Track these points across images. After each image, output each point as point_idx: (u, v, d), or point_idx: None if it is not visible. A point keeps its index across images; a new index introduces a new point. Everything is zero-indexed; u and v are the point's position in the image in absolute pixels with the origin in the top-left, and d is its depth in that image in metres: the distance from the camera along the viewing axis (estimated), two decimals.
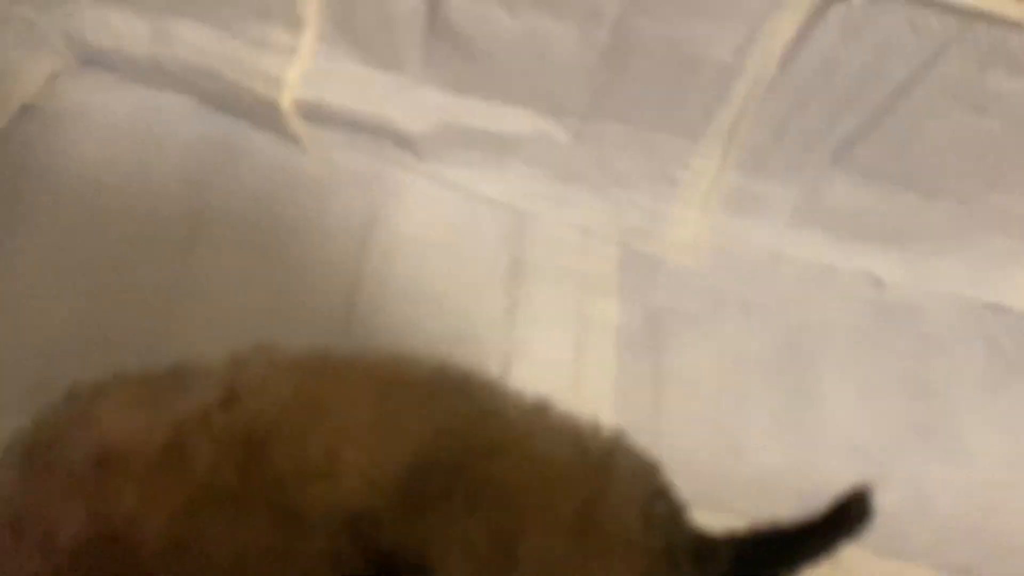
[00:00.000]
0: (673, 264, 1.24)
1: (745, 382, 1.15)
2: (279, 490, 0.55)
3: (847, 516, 0.61)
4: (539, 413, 0.64)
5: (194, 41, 1.15)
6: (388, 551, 0.54)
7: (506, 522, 0.55)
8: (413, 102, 1.20)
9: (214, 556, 0.54)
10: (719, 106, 1.14)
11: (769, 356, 1.18)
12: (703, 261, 1.25)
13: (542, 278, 1.20)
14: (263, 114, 1.19)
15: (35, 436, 0.58)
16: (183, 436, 0.56)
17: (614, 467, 0.61)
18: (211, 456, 0.55)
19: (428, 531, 0.55)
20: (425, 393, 0.61)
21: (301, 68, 1.17)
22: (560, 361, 1.13)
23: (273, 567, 0.54)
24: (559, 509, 0.57)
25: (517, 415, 0.63)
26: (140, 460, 0.55)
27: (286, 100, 1.18)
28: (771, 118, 1.14)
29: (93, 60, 1.19)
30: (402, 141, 1.22)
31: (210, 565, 0.54)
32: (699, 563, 0.58)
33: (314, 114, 1.19)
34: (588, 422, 0.65)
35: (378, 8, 1.11)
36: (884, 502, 0.66)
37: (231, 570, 0.54)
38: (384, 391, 0.60)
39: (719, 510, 0.68)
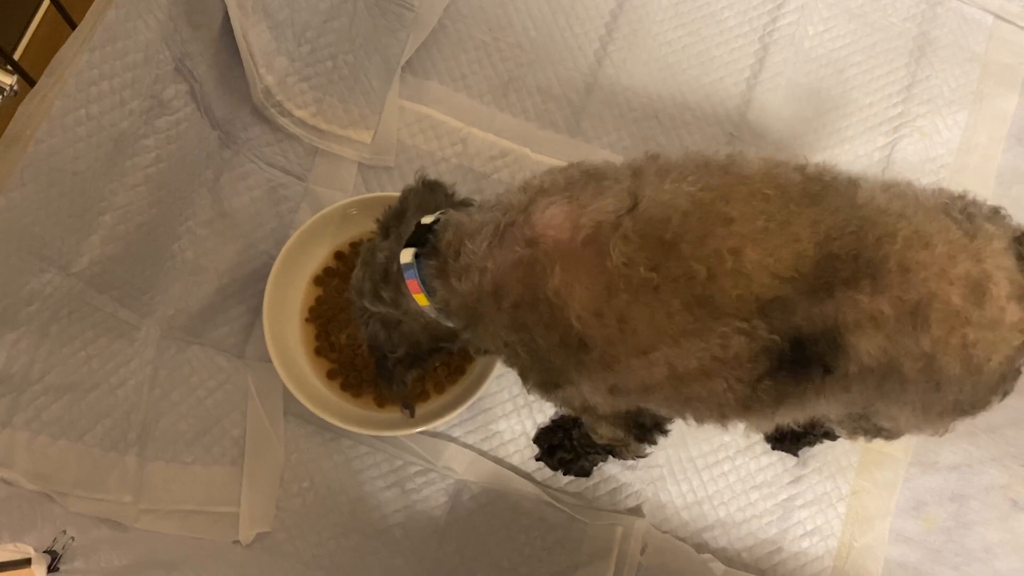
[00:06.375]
0: None
1: None
2: (691, 282, 0.66)
3: None
4: (899, 195, 0.70)
5: None
6: (801, 329, 0.65)
7: (909, 294, 0.64)
8: None
9: (634, 326, 0.68)
10: None
11: None
12: None
13: (945, 59, 1.28)
14: None
15: (504, 218, 0.74)
16: (601, 233, 0.69)
17: (990, 233, 0.67)
18: (626, 253, 0.67)
19: (839, 311, 0.64)
20: (806, 200, 0.68)
21: None
22: (947, 141, 1.24)
23: (691, 340, 0.67)
24: (952, 274, 0.64)
25: (886, 201, 0.69)
26: (564, 246, 0.70)
27: None
28: None
29: None
30: None
31: (630, 331, 0.68)
32: None
33: None
34: (952, 193, 0.71)
35: None
36: None
37: (650, 338, 0.68)
38: (771, 201, 0.68)
39: None
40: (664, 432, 0.92)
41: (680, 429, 1.12)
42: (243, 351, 1.12)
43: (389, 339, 0.87)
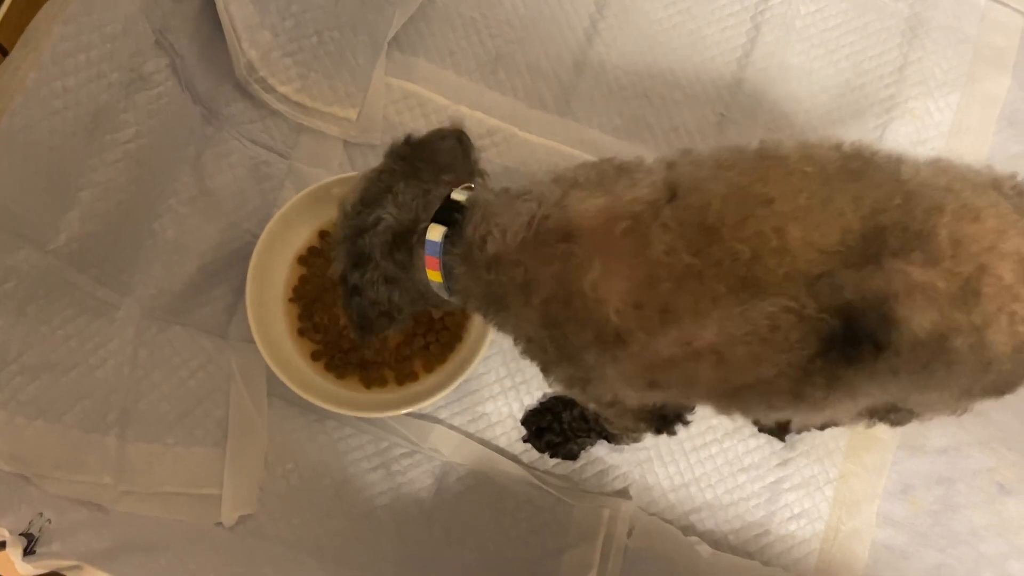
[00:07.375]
0: None
1: None
2: (735, 265, 0.65)
3: None
4: (944, 170, 0.69)
5: None
6: (851, 303, 0.63)
7: (961, 267, 0.62)
8: None
9: (678, 315, 0.67)
10: None
11: None
12: None
13: (938, 40, 1.27)
14: None
15: (539, 210, 0.73)
16: (640, 224, 0.69)
17: None
18: (666, 241, 0.67)
19: (888, 283, 0.63)
20: (847, 176, 0.67)
21: None
22: (938, 124, 1.24)
23: (738, 324, 0.66)
24: (1003, 249, 0.63)
25: (932, 175, 0.68)
26: (602, 239, 0.70)
27: None
28: None
29: None
30: None
31: (673, 320, 0.68)
32: None
33: None
34: (995, 171, 0.69)
35: None
36: None
37: (695, 326, 0.67)
38: (810, 179, 0.67)
39: None
40: (685, 423, 0.91)
41: None
42: (226, 332, 1.10)
43: (389, 297, 0.83)
